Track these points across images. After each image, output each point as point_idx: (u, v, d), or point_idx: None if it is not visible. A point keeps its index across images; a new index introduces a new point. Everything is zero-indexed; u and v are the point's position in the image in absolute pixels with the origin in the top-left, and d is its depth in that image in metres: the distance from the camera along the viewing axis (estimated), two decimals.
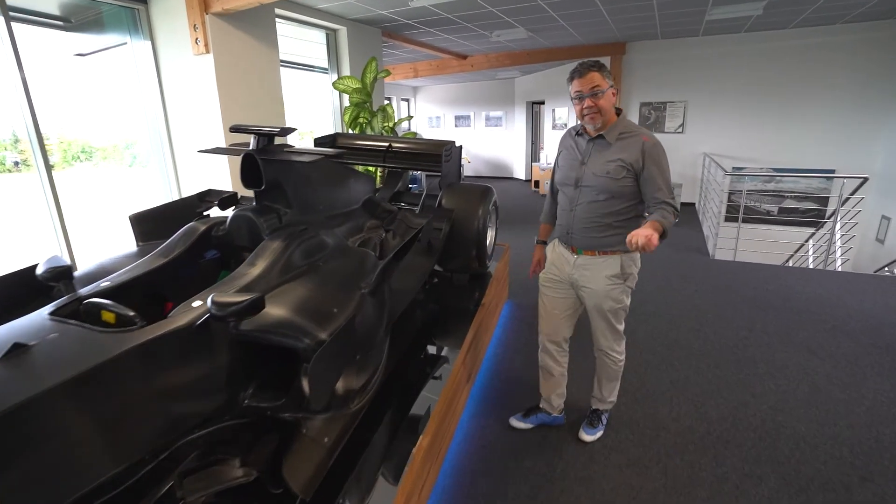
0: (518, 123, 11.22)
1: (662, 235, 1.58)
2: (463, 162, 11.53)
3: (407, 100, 12.52)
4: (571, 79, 1.76)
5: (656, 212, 1.69)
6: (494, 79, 11.09)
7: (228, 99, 3.94)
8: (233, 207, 2.30)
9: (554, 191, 2.12)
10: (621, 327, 2.02)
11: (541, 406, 2.31)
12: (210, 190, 2.42)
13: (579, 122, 1.87)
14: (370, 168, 4.09)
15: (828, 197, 6.82)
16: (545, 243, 2.19)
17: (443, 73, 9.02)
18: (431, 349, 2.36)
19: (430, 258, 2.44)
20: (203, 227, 1.92)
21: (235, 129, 1.87)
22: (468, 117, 12.07)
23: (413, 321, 2.44)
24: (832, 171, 6.72)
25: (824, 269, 4.77)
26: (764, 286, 4.08)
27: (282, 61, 4.83)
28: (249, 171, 1.83)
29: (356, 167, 3.51)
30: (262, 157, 1.78)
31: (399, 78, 9.68)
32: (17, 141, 3.41)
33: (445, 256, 2.78)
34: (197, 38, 3.81)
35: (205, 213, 2.32)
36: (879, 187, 6.33)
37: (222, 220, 1.92)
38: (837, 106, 6.61)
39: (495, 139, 11.84)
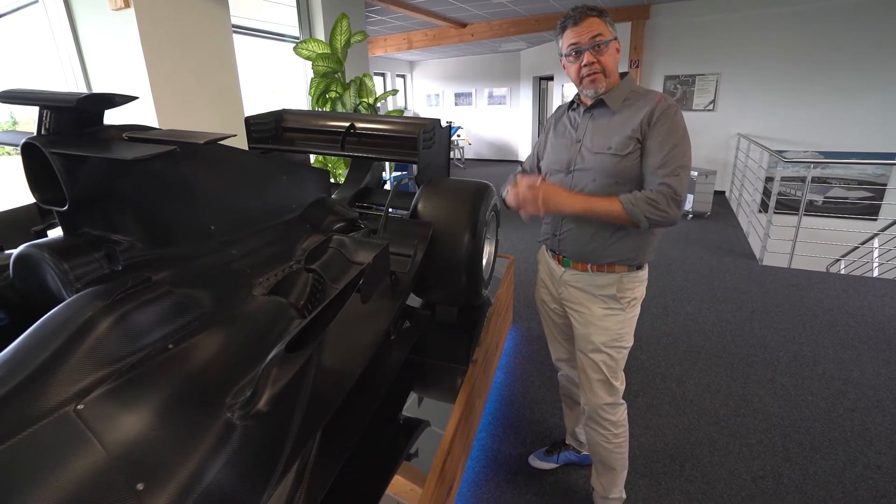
0: (524, 101, 10.24)
1: (631, 221, 1.19)
2: (463, 144, 10.64)
3: (403, 76, 11.53)
4: (563, 29, 1.28)
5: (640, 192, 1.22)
6: (498, 51, 10.07)
7: (159, 66, 3.08)
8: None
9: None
10: (618, 382, 1.45)
11: (566, 441, 1.89)
12: None
13: (577, 88, 1.37)
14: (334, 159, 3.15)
15: (885, 186, 5.87)
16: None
17: (440, 43, 8.06)
18: (405, 418, 1.66)
19: (396, 299, 1.61)
20: None
21: (7, 97, 1.02)
22: (469, 95, 11.09)
23: (372, 388, 1.63)
24: (892, 156, 5.77)
25: None
26: (841, 307, 3.20)
27: (239, 27, 3.96)
28: (44, 174, 0.99)
29: (309, 157, 2.67)
30: (58, 150, 0.94)
31: (392, 50, 8.71)
32: None
33: (423, 286, 1.96)
34: None
35: (46, 233, 1.50)
36: None
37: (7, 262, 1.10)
38: None
39: (499, 119, 10.89)
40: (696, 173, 5.62)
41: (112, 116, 1.12)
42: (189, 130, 1.19)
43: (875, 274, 4.97)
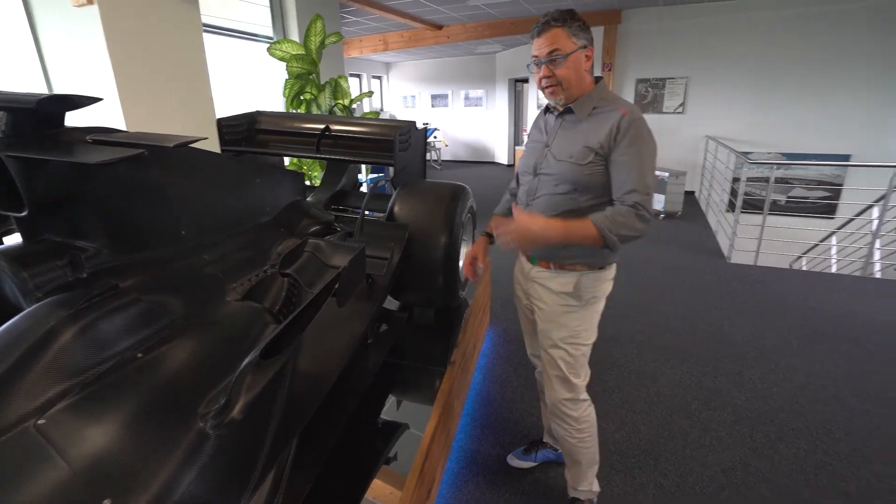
0: (500, 103, 10.32)
1: (605, 244, 1.19)
2: (440, 145, 10.66)
3: (379, 77, 11.48)
4: (532, 37, 1.32)
5: (607, 209, 1.24)
6: (474, 53, 10.13)
7: (126, 67, 2.98)
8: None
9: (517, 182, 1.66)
10: (578, 379, 1.47)
11: (544, 440, 1.90)
12: None
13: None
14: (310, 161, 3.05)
15: (841, 186, 6.15)
16: (490, 236, 1.63)
17: (416, 45, 8.06)
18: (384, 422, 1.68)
19: (372, 302, 1.61)
20: None
21: None
22: (445, 96, 11.12)
23: (350, 392, 1.63)
24: (847, 157, 6.06)
25: (864, 274, 4.08)
26: (804, 303, 3.34)
27: (211, 26, 3.88)
28: (1, 178, 0.96)
29: (284, 159, 2.64)
30: (15, 153, 0.91)
31: (367, 52, 8.67)
32: None
33: (400, 288, 1.96)
34: None
35: (2, 240, 1.44)
36: None
37: None
38: (858, 84, 5.86)
39: (475, 120, 10.94)
40: (666, 174, 5.76)
41: (76, 119, 1.09)
42: (158, 133, 1.17)
43: (833, 270, 5.19)
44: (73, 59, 3.02)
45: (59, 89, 3.16)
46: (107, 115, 2.94)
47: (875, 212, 4.42)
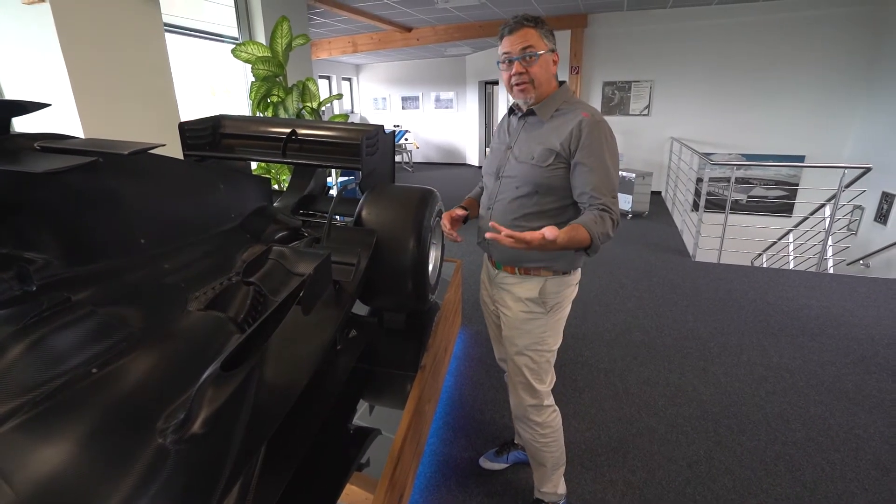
0: (470, 105, 10.39)
1: (589, 248, 1.19)
2: (411, 147, 10.65)
3: (349, 79, 11.39)
4: (501, 36, 1.33)
5: (588, 213, 1.24)
6: (444, 56, 10.16)
7: (82, 68, 2.87)
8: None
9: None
10: (542, 385, 1.49)
11: (515, 441, 1.92)
12: None
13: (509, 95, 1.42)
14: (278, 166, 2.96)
15: (797, 186, 6.45)
16: (466, 209, 1.56)
17: (386, 47, 8.03)
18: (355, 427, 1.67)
19: (340, 308, 1.59)
20: None
21: None
22: (416, 98, 11.11)
23: (319, 399, 1.61)
24: (802, 158, 6.35)
25: (818, 270, 4.29)
26: (763, 298, 3.47)
27: (173, 26, 3.77)
28: None
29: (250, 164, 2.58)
30: None
31: (336, 53, 8.59)
32: None
33: (369, 293, 1.95)
34: None
35: None
36: (849, 175, 6.00)
37: None
38: (811, 88, 6.17)
39: (446, 122, 10.98)
40: (633, 175, 5.91)
41: (27, 126, 1.04)
42: (112, 140, 1.13)
43: (791, 266, 5.43)
44: (24, 62, 2.88)
45: (9, 94, 3.02)
46: (62, 120, 2.82)
47: (827, 210, 4.63)
